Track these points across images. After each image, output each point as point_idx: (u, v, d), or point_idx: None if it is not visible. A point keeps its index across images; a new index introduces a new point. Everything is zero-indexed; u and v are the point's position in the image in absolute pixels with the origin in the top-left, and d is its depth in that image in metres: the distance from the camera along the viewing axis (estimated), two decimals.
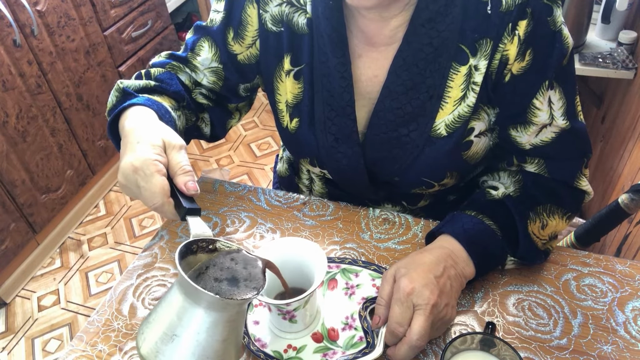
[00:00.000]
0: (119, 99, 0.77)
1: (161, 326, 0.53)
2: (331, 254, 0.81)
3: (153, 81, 0.80)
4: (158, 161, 0.62)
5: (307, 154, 0.86)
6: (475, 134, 0.76)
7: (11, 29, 1.69)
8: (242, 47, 0.82)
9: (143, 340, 0.54)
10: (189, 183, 0.63)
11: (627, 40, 1.66)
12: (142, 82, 0.79)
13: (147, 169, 0.61)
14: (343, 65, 0.75)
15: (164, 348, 0.52)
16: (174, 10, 2.63)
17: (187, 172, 0.64)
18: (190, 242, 0.58)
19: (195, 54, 0.84)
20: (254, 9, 0.78)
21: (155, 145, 0.64)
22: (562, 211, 0.75)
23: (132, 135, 0.66)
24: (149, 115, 0.71)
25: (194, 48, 0.84)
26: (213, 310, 0.52)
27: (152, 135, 0.65)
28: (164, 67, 0.84)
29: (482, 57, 0.70)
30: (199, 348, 0.52)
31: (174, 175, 0.64)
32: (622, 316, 0.70)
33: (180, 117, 0.81)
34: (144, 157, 0.62)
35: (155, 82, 0.80)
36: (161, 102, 0.76)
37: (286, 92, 0.82)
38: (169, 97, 0.80)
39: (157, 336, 0.53)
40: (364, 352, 0.66)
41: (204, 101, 0.88)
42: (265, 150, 2.53)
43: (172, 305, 0.54)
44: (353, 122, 0.78)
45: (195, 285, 0.51)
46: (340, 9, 0.72)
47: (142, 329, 0.55)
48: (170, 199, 0.62)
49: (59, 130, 1.97)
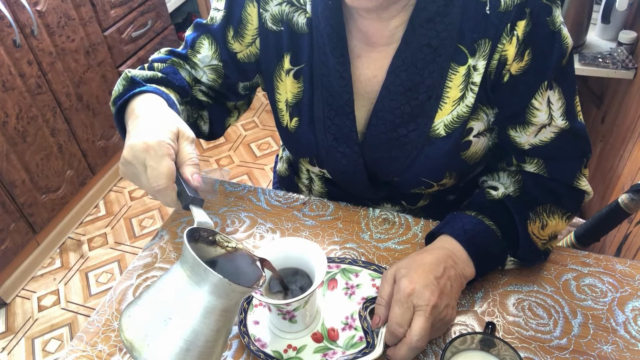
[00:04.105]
0: (126, 88, 0.77)
1: (155, 308, 0.52)
2: (331, 254, 0.81)
3: (160, 73, 0.80)
4: (171, 146, 0.63)
5: (307, 153, 0.86)
6: (474, 134, 0.76)
7: (11, 29, 1.69)
8: (242, 45, 0.82)
9: (129, 325, 0.52)
10: (195, 175, 0.64)
11: (627, 40, 1.66)
12: (150, 73, 0.79)
13: (160, 149, 0.62)
14: (342, 65, 0.75)
15: (154, 331, 0.51)
16: (174, 10, 2.63)
17: (195, 164, 0.65)
18: (194, 228, 0.58)
19: (195, 51, 0.84)
20: (254, 8, 0.78)
21: (170, 131, 0.64)
22: (562, 211, 0.75)
23: (147, 117, 0.67)
24: (161, 103, 0.71)
25: (194, 45, 0.84)
26: (215, 295, 0.52)
27: (168, 121, 0.66)
28: (165, 63, 0.84)
29: (480, 57, 0.70)
30: (191, 334, 0.51)
31: (182, 165, 0.64)
32: (622, 316, 0.70)
33: (183, 112, 0.81)
34: (159, 138, 0.62)
35: (162, 74, 0.80)
36: (169, 94, 0.76)
37: (286, 91, 0.82)
38: (174, 91, 0.81)
39: (149, 319, 0.52)
40: (364, 352, 0.66)
41: (204, 98, 0.88)
42: (265, 150, 2.53)
43: (172, 285, 0.53)
44: (352, 121, 0.78)
45: (204, 264, 0.50)
46: (339, 9, 0.72)
47: (129, 312, 0.53)
48: (174, 184, 0.63)
49: (59, 130, 1.97)
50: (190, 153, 0.65)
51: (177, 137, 0.65)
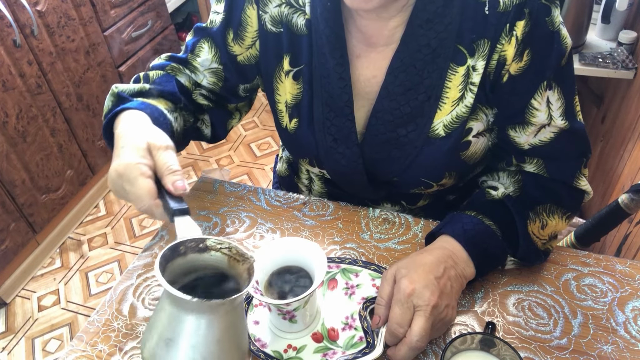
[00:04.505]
0: (114, 103, 0.77)
1: (156, 331, 0.54)
2: (331, 254, 0.81)
3: (149, 84, 0.80)
4: (142, 164, 0.61)
5: (306, 154, 0.86)
6: (474, 134, 0.76)
7: (11, 29, 1.69)
8: (242, 48, 0.82)
9: (144, 344, 0.55)
10: (177, 183, 0.62)
11: (627, 40, 1.66)
12: (137, 86, 0.79)
13: (131, 173, 0.61)
14: (341, 66, 0.75)
15: (160, 352, 0.53)
16: (174, 10, 2.63)
17: (174, 172, 0.62)
18: (177, 244, 0.56)
19: (195, 55, 0.84)
20: (253, 10, 0.78)
21: (139, 149, 0.63)
22: (562, 211, 0.75)
23: (119, 140, 0.66)
24: (140, 119, 0.70)
25: (194, 49, 0.84)
26: (200, 313, 0.52)
27: (136, 139, 0.64)
28: (164, 69, 0.84)
29: (480, 57, 0.70)
30: (194, 351, 0.52)
31: (162, 176, 0.63)
32: (622, 316, 0.70)
33: (178, 119, 0.81)
34: (127, 161, 0.61)
35: (151, 85, 0.79)
36: (156, 105, 0.76)
37: (285, 92, 0.82)
38: (165, 100, 0.80)
39: (154, 341, 0.53)
40: (364, 352, 0.66)
41: (204, 102, 0.88)
42: (265, 150, 2.53)
43: (163, 311, 0.54)
44: (352, 122, 0.78)
45: (174, 291, 0.50)
46: (338, 10, 0.72)
47: (144, 333, 0.56)
48: (159, 200, 0.61)
49: (59, 130, 1.97)
50: (166, 162, 0.63)
51: (149, 151, 0.63)
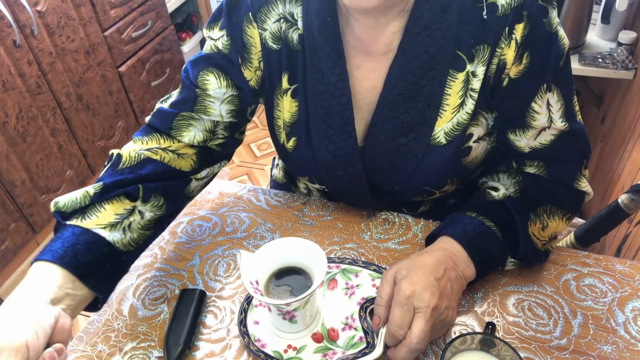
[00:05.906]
0: (54, 226, 0.71)
1: None
2: (331, 254, 0.81)
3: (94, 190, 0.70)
4: None
5: (305, 172, 0.85)
6: (474, 140, 0.76)
7: (11, 29, 1.69)
8: (251, 72, 0.78)
9: None
10: None
11: (626, 41, 1.66)
12: (80, 197, 0.70)
13: None
14: (343, 82, 0.73)
15: None
16: (174, 10, 2.63)
17: None
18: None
19: (203, 90, 0.78)
20: (254, 29, 0.75)
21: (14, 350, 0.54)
22: (562, 212, 0.75)
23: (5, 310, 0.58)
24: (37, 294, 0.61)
25: (199, 84, 0.78)
26: None
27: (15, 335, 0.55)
28: (172, 119, 0.79)
29: (479, 63, 0.69)
30: None
31: None
32: (622, 316, 0.70)
33: (143, 214, 0.74)
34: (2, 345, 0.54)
35: (96, 191, 0.70)
36: (90, 233, 0.67)
37: (284, 110, 0.80)
38: (121, 201, 0.72)
39: None
40: (363, 352, 0.66)
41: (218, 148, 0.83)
42: (265, 150, 2.53)
43: None
44: (354, 139, 0.76)
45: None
46: (336, 25, 0.71)
47: None
48: None
49: (59, 130, 1.97)
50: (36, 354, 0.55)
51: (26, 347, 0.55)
